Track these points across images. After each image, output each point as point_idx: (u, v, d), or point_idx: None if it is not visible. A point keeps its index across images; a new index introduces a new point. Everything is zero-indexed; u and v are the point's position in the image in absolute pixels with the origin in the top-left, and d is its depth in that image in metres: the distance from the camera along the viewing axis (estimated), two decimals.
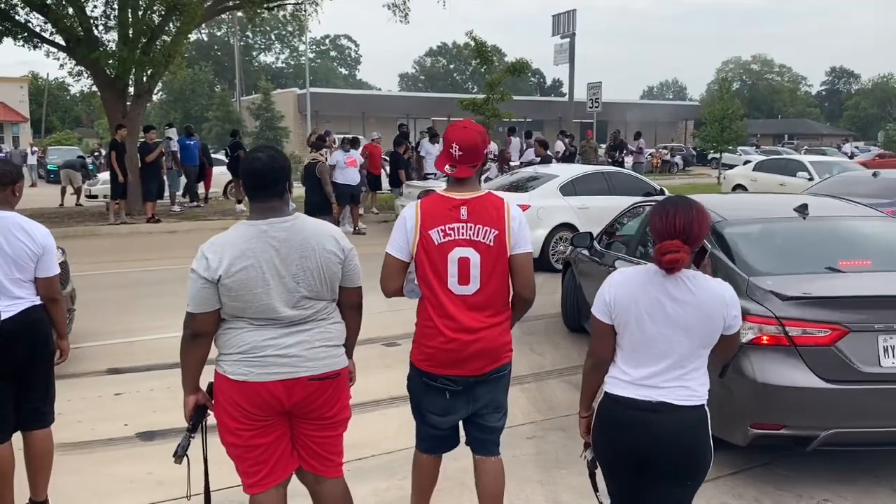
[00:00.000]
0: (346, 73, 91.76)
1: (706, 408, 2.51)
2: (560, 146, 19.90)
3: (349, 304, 2.89)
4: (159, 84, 57.80)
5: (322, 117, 42.08)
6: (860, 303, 3.93)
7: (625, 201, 10.93)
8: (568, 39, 24.03)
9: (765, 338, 3.85)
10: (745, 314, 3.64)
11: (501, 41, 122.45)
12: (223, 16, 21.30)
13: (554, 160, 16.98)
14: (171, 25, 14.92)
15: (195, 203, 17.23)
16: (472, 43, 20.09)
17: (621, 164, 22.95)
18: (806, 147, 41.90)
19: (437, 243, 2.85)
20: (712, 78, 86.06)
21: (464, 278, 2.85)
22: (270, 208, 2.68)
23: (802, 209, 4.85)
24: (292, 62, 79.31)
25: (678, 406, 2.45)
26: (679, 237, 2.38)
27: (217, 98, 49.95)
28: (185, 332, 2.73)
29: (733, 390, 3.94)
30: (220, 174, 18.40)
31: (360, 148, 15.60)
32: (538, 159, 15.72)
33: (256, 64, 77.13)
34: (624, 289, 2.50)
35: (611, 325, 2.53)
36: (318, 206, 11.08)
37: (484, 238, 2.84)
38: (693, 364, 2.48)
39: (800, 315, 3.84)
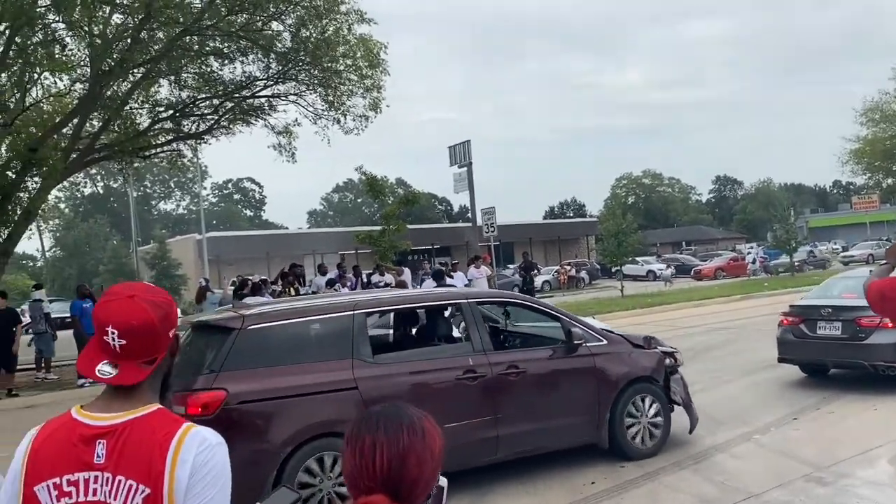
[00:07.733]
0: (252, 214, 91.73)
1: None
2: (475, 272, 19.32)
3: None
4: (51, 240, 55.49)
5: (224, 261, 40.93)
6: None
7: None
8: (465, 168, 24.55)
9: None
10: None
11: (408, 174, 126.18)
12: (116, 166, 20.39)
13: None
14: (29, 181, 13.93)
15: None
16: (363, 177, 20.06)
17: (532, 284, 22.80)
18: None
19: None
20: (608, 194, 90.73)
21: None
22: None
23: None
24: (194, 208, 78.71)
25: None
26: (380, 489, 1.29)
27: (109, 251, 48.25)
28: None
29: None
30: None
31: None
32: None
33: (156, 213, 76.09)
34: None
35: None
36: None
37: (125, 502, 1.55)
38: None
39: None
